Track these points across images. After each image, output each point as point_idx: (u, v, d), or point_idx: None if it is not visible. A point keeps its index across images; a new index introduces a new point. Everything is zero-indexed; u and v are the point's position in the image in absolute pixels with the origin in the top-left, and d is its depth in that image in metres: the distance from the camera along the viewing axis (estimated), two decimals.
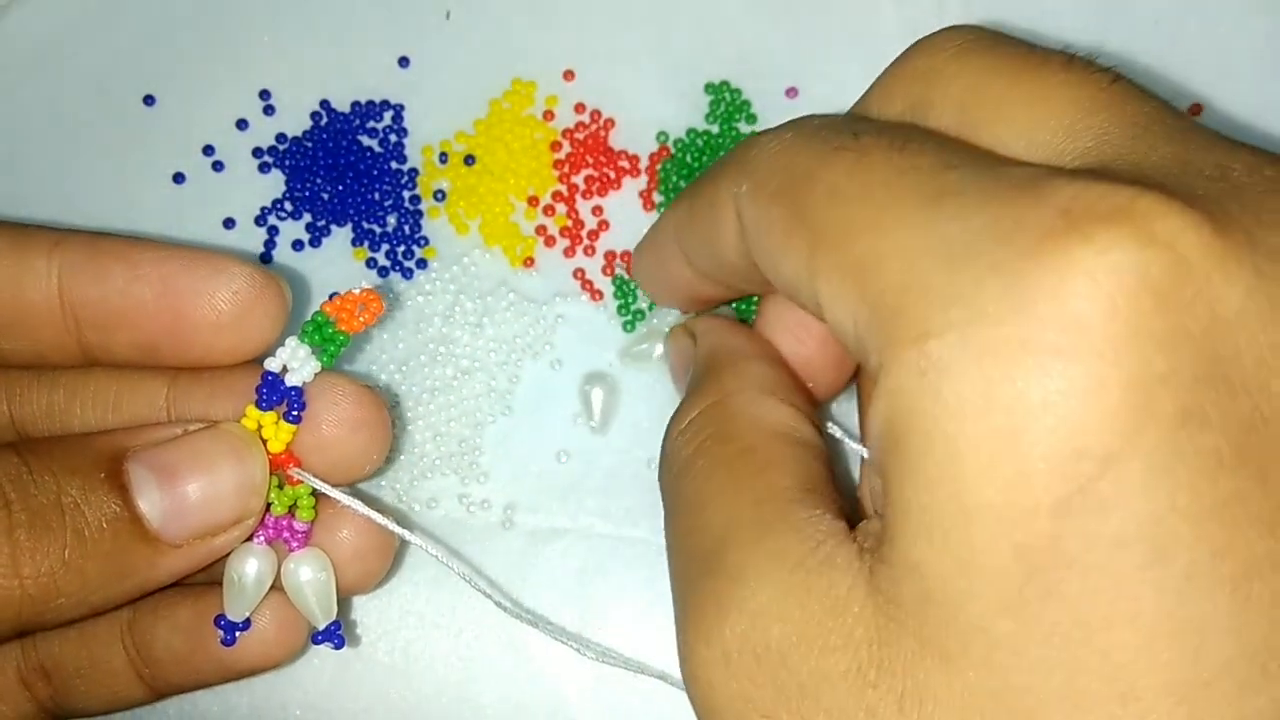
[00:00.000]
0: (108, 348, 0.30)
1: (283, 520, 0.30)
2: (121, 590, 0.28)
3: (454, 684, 0.37)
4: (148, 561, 0.28)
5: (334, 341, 0.30)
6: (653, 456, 0.37)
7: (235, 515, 0.29)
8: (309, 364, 0.30)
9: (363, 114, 0.41)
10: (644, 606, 0.37)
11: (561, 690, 0.37)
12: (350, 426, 0.31)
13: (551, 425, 0.38)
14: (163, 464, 0.28)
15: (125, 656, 0.32)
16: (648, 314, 0.38)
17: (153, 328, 0.29)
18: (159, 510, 0.27)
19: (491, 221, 0.40)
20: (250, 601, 0.30)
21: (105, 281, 0.29)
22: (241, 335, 0.30)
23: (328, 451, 0.31)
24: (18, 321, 0.29)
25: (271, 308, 0.30)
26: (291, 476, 0.30)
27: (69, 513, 0.26)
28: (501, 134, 0.40)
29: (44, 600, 0.26)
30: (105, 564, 0.27)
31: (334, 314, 0.30)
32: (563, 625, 0.37)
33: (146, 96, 0.41)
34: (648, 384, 0.38)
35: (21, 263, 0.29)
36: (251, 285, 0.29)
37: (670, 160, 0.40)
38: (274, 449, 0.30)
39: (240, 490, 0.29)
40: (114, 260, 0.29)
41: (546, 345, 0.39)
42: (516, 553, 0.37)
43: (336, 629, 0.31)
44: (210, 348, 0.30)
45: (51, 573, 0.26)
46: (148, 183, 0.41)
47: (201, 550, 0.29)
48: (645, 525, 0.37)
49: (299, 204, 0.40)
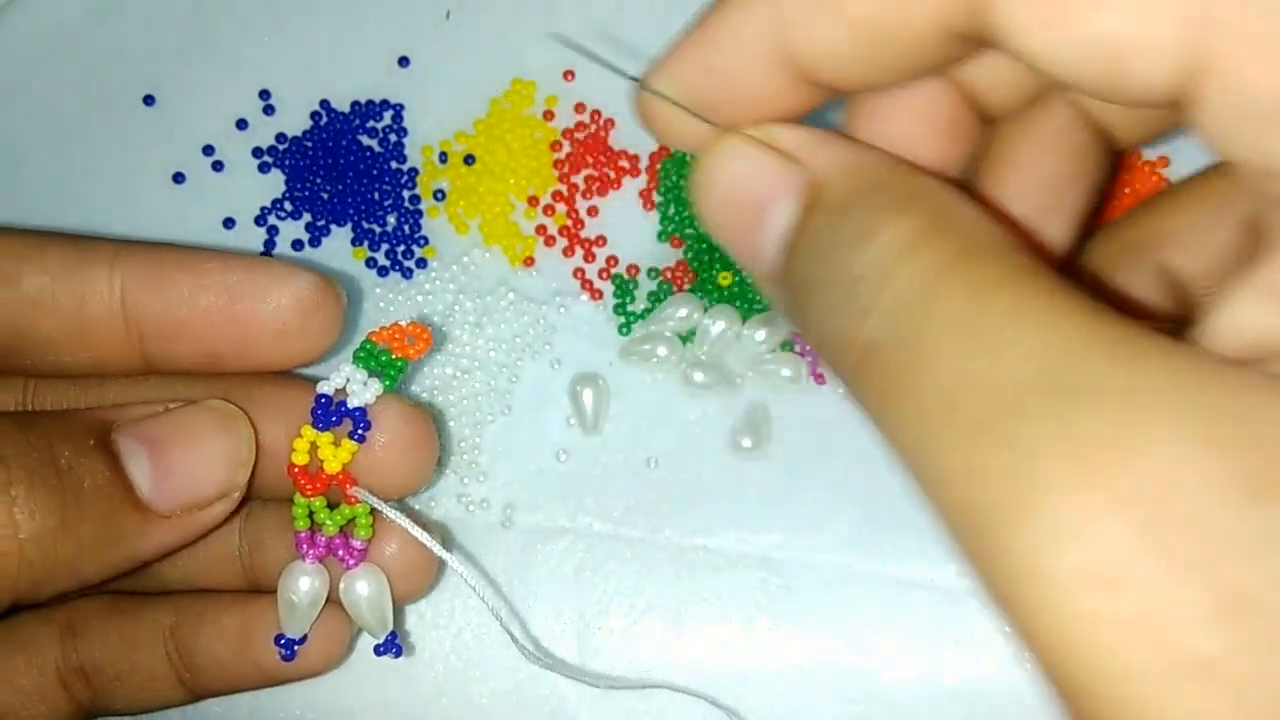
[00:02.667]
0: (171, 357, 0.30)
1: (335, 540, 0.31)
2: (112, 560, 0.28)
3: (454, 684, 0.37)
4: (138, 530, 0.28)
5: (393, 367, 0.31)
6: (651, 455, 0.37)
7: (222, 488, 0.29)
8: (371, 387, 0.30)
9: (363, 114, 0.41)
10: (643, 606, 0.37)
11: (561, 690, 0.37)
12: (403, 447, 0.31)
13: (551, 425, 0.38)
14: (150, 435, 0.28)
15: (167, 661, 0.32)
16: (645, 317, 0.38)
17: (217, 337, 0.30)
18: (149, 479, 0.28)
19: (491, 221, 0.40)
20: (308, 618, 0.31)
21: (169, 293, 0.29)
22: (304, 342, 0.30)
23: (380, 471, 0.31)
24: (79, 334, 0.29)
25: (332, 313, 0.31)
26: (350, 496, 0.31)
27: (64, 474, 0.26)
28: (501, 134, 0.40)
29: (41, 565, 0.26)
30: (99, 528, 0.27)
31: (384, 343, 0.31)
32: (562, 625, 0.37)
33: (146, 96, 0.41)
34: (646, 384, 0.38)
35: (83, 276, 0.29)
36: (313, 292, 0.30)
37: (670, 160, 0.40)
38: (332, 469, 0.30)
39: (228, 462, 0.29)
40: (177, 271, 0.30)
41: (546, 345, 0.39)
42: (515, 552, 0.37)
43: (394, 639, 0.32)
44: (273, 355, 0.30)
45: (50, 532, 0.26)
46: (148, 183, 0.41)
47: (189, 523, 0.29)
48: (644, 524, 0.37)
49: (299, 204, 0.40)
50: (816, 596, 0.36)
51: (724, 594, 0.36)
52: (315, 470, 0.30)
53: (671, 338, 0.38)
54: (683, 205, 0.39)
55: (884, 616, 0.36)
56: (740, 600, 0.36)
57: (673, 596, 0.37)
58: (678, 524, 0.37)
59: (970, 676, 0.35)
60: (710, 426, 0.38)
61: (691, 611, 0.36)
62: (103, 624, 0.32)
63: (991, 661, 0.35)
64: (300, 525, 0.31)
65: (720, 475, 0.37)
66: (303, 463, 0.30)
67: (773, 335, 0.37)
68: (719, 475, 0.37)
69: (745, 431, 0.37)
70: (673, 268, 0.39)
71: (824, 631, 0.36)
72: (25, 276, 0.29)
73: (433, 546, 0.31)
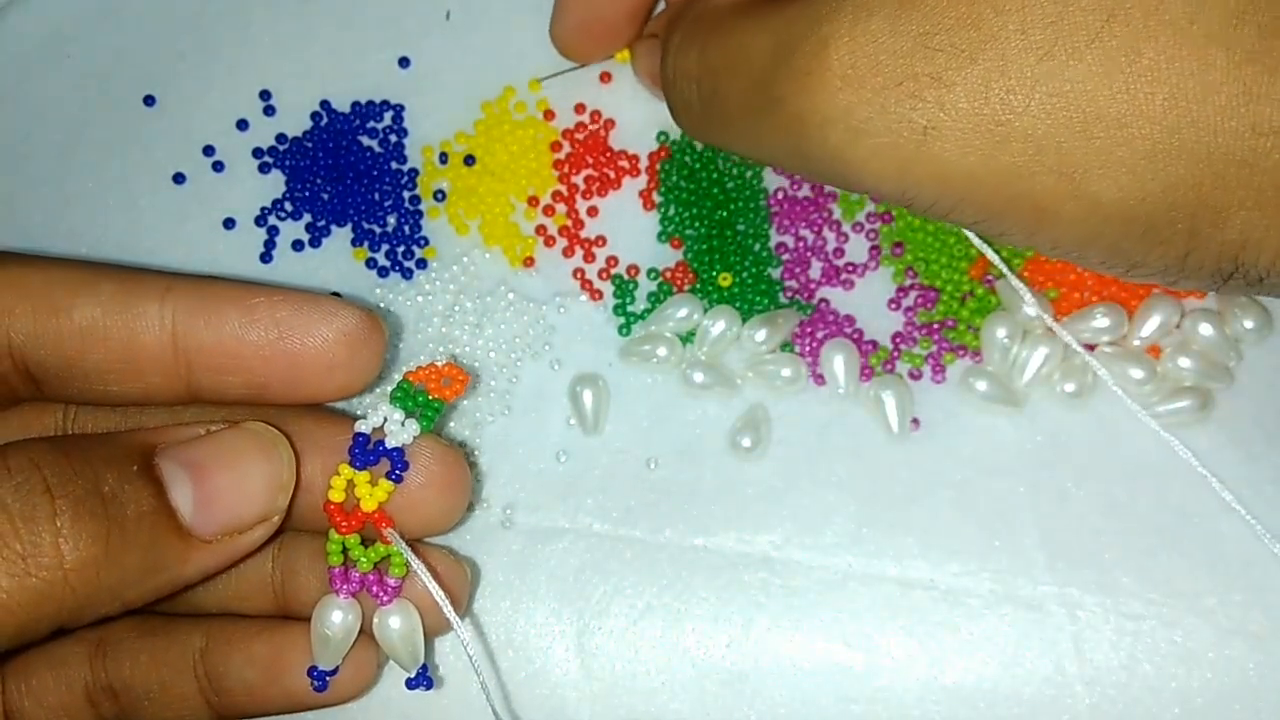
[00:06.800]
0: (218, 389, 0.31)
1: (369, 576, 0.31)
2: (154, 585, 0.28)
3: (454, 684, 0.37)
4: (180, 556, 0.28)
5: (431, 407, 0.31)
6: (651, 456, 0.37)
7: (263, 512, 0.29)
8: (409, 428, 0.31)
9: (363, 114, 0.41)
10: (643, 606, 0.37)
11: (561, 690, 0.37)
12: (439, 488, 0.32)
13: (550, 425, 0.38)
14: (193, 459, 0.28)
15: (196, 684, 0.32)
16: (645, 317, 0.38)
17: (265, 370, 0.30)
18: (191, 504, 0.28)
19: (491, 221, 0.40)
20: (340, 652, 0.31)
21: (220, 326, 0.30)
22: (351, 375, 0.31)
23: (414, 509, 0.31)
24: (129, 365, 0.30)
25: (378, 346, 0.31)
26: (384, 536, 0.31)
27: (109, 502, 0.26)
28: (501, 134, 0.40)
29: (85, 592, 0.26)
30: (142, 556, 0.27)
31: (420, 382, 0.31)
32: (562, 625, 0.37)
33: (146, 96, 0.41)
34: (646, 384, 0.38)
35: (134, 308, 0.29)
36: (360, 326, 0.31)
37: (670, 160, 0.40)
38: (367, 507, 0.30)
39: (269, 487, 0.29)
40: (227, 305, 0.30)
41: (546, 345, 0.39)
42: (515, 552, 0.37)
43: (425, 672, 0.32)
44: (319, 388, 0.31)
45: (94, 561, 0.26)
46: (148, 183, 0.41)
47: (229, 547, 0.29)
48: (644, 525, 0.37)
49: (299, 204, 0.40)
50: (816, 596, 0.36)
51: (724, 594, 0.36)
52: (351, 508, 0.31)
53: (671, 338, 0.38)
54: (683, 205, 0.39)
55: (884, 616, 0.36)
56: (740, 600, 0.36)
57: (673, 596, 0.37)
58: (678, 524, 0.37)
59: (970, 676, 0.35)
60: (710, 427, 0.38)
61: (691, 611, 0.36)
62: (133, 644, 0.32)
63: (991, 661, 0.35)
64: (334, 561, 0.31)
65: (720, 475, 0.37)
66: (339, 500, 0.31)
67: (773, 335, 0.37)
68: (719, 475, 0.37)
69: (745, 431, 0.37)
70: (673, 268, 0.39)
71: (824, 631, 0.36)
72: (77, 307, 0.29)
73: (445, 606, 0.31)
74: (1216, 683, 0.35)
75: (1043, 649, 0.35)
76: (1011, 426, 0.37)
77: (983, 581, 0.36)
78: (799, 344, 0.38)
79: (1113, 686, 0.35)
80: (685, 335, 0.38)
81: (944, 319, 0.38)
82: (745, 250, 0.39)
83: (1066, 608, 0.35)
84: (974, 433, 0.37)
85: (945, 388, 0.38)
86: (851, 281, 0.39)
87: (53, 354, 0.29)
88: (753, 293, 0.38)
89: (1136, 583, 0.35)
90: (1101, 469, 0.36)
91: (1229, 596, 0.35)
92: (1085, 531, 0.36)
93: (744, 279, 0.38)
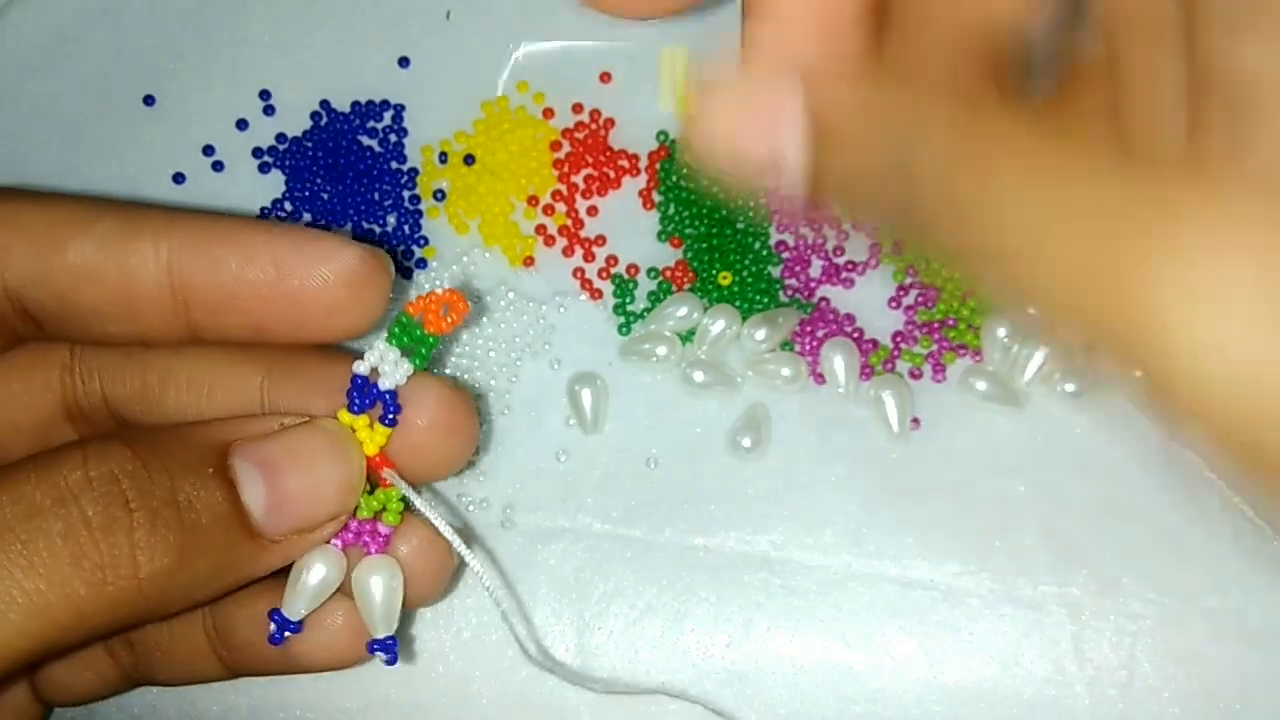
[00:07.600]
0: (217, 329, 0.30)
1: (365, 524, 0.30)
2: (223, 585, 0.28)
3: (454, 684, 0.37)
4: (250, 557, 0.28)
5: (424, 343, 0.30)
6: (651, 456, 0.37)
7: (333, 511, 0.29)
8: (401, 367, 0.29)
9: (363, 114, 0.41)
10: (643, 606, 0.37)
11: (561, 690, 0.37)
12: (443, 431, 0.30)
13: (550, 424, 0.38)
14: (266, 458, 0.28)
15: (206, 638, 0.32)
16: (645, 317, 0.38)
17: (265, 310, 0.29)
18: (262, 505, 0.27)
19: (491, 221, 0.40)
20: (309, 603, 0.30)
21: (218, 266, 0.29)
22: (353, 314, 0.30)
23: (418, 455, 0.30)
24: (126, 305, 0.29)
25: (381, 287, 0.30)
26: (384, 479, 0.30)
27: (184, 510, 0.26)
28: (501, 134, 0.40)
29: (158, 598, 0.26)
30: (215, 560, 0.27)
31: (418, 314, 0.30)
32: (562, 625, 0.37)
33: (146, 96, 0.41)
34: (646, 384, 0.38)
35: (130, 248, 0.29)
36: (362, 266, 0.29)
37: (670, 160, 0.40)
38: (367, 452, 0.30)
39: (340, 488, 0.29)
40: (226, 244, 0.29)
41: (545, 345, 0.39)
42: (515, 552, 0.37)
43: (393, 644, 0.31)
44: (321, 328, 0.30)
45: (168, 569, 0.26)
46: (148, 183, 0.41)
47: (296, 545, 0.29)
48: (644, 524, 0.37)
49: (299, 204, 0.40)
50: (816, 596, 0.36)
51: (724, 594, 0.36)
52: None
53: (671, 337, 0.38)
54: (683, 205, 0.39)
55: (884, 616, 0.36)
56: (740, 600, 0.36)
57: (673, 596, 0.37)
58: (678, 524, 0.37)
59: (970, 676, 0.35)
60: (710, 426, 0.38)
61: (691, 611, 0.36)
62: None
63: (991, 661, 0.35)
64: None
65: (720, 475, 0.37)
66: None
67: (773, 335, 0.37)
68: (719, 475, 0.37)
69: (745, 431, 0.37)
70: (672, 267, 0.39)
71: (824, 631, 0.36)
72: (72, 246, 0.28)
73: (456, 543, 0.30)
74: (1216, 683, 0.35)
75: (1043, 649, 0.35)
76: (1012, 426, 0.37)
77: (983, 581, 0.36)
78: (799, 343, 0.38)
79: (1113, 686, 0.35)
80: (685, 334, 0.38)
81: (944, 318, 0.38)
82: (745, 249, 0.39)
83: (1066, 608, 0.35)
84: (974, 432, 0.37)
85: (946, 387, 0.37)
86: (852, 280, 0.39)
87: (49, 294, 0.29)
88: (753, 291, 0.38)
89: (1136, 583, 0.35)
90: (1102, 469, 0.36)
91: (1229, 596, 0.35)
92: (1085, 531, 0.36)
93: (744, 278, 0.38)
